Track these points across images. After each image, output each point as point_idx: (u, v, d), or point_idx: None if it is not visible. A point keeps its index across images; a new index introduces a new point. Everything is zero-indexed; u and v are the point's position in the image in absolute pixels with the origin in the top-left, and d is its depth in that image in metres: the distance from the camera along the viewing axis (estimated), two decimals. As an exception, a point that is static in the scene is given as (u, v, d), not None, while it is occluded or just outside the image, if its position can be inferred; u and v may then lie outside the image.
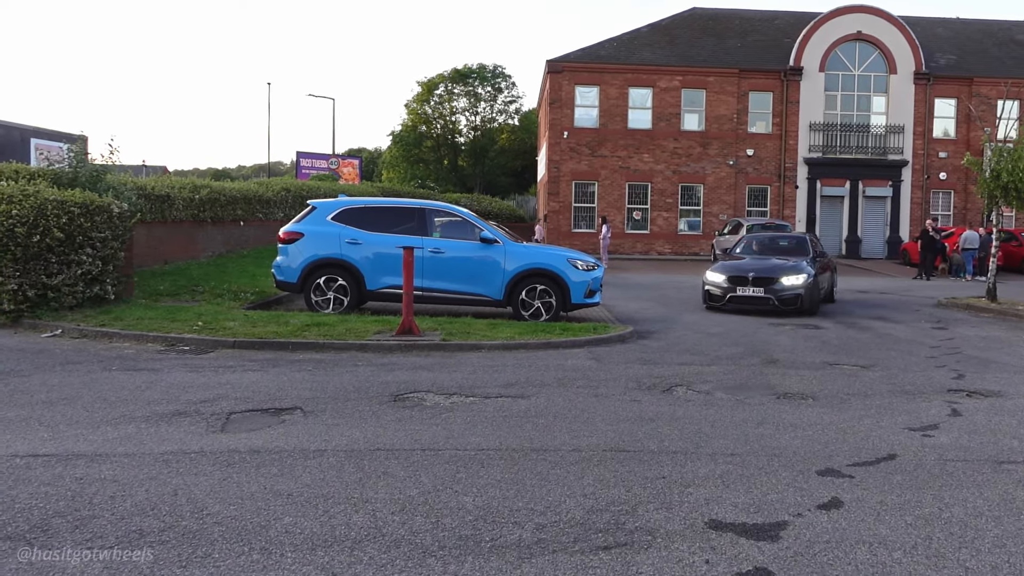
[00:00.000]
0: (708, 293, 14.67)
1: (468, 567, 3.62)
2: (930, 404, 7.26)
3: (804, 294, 13.87)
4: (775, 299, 13.86)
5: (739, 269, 14.49)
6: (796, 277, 14.07)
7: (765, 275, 14.17)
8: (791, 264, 14.55)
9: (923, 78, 34.16)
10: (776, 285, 14.03)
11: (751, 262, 14.89)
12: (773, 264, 14.65)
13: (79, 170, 13.07)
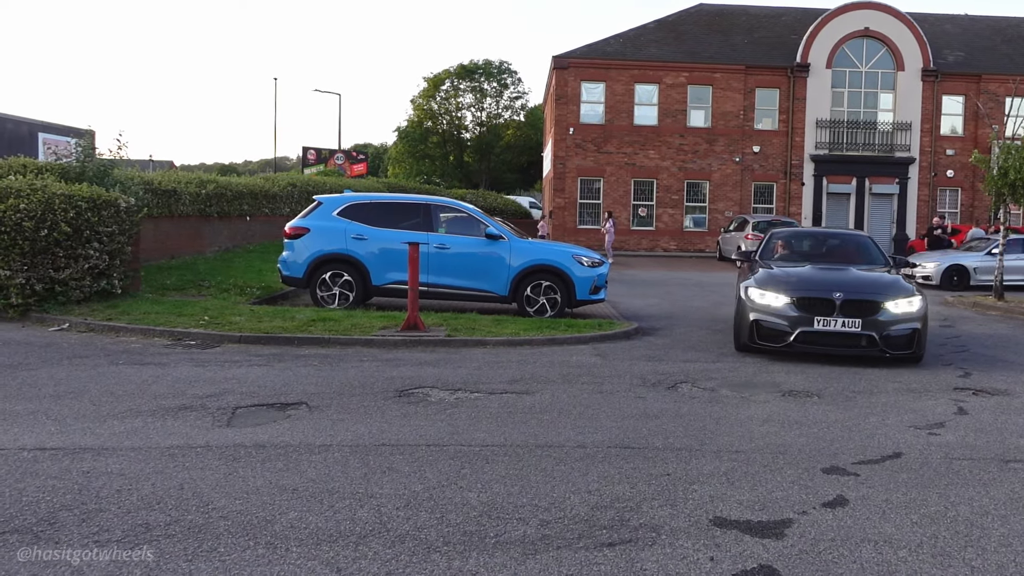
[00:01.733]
0: (759, 325, 9.30)
1: (472, 563, 3.62)
2: (936, 402, 7.25)
3: (921, 329, 9.12)
4: (879, 338, 8.90)
5: (814, 286, 9.40)
6: (908, 302, 9.16)
7: (860, 297, 9.14)
8: (888, 280, 9.68)
9: (931, 75, 34.01)
10: (880, 315, 9.01)
11: (825, 274, 9.88)
12: (864, 279, 9.71)
13: (86, 165, 13.09)
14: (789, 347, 9.10)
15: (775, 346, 9.19)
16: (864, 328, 8.88)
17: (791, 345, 9.08)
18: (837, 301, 8.98)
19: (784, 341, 9.11)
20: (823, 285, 9.31)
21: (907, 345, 8.99)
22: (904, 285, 9.49)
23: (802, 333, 9.01)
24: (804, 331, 8.99)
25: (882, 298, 9.08)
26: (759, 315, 9.28)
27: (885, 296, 9.10)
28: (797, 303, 9.13)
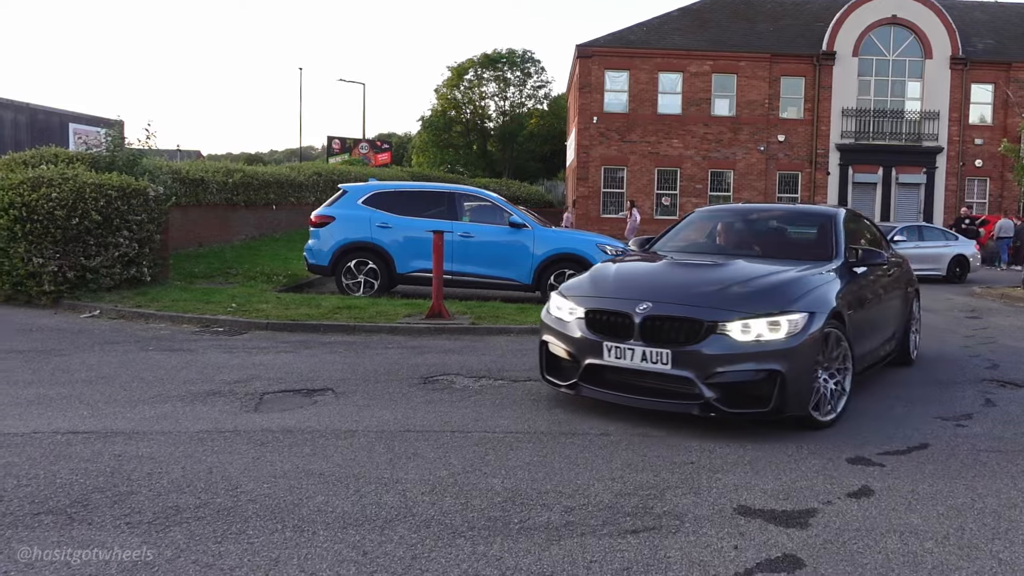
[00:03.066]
0: (548, 352, 6.21)
1: (497, 548, 3.66)
2: (963, 394, 7.19)
3: (788, 373, 5.37)
4: (702, 383, 5.37)
5: (621, 291, 5.99)
6: (771, 323, 5.48)
7: (675, 313, 5.55)
8: (773, 284, 5.96)
9: (959, 63, 33.53)
10: (707, 344, 5.41)
11: (670, 273, 6.42)
12: (724, 279, 5.99)
13: (116, 154, 13.27)
14: (574, 389, 5.89)
15: (562, 385, 6.02)
16: (677, 365, 5.34)
17: (576, 387, 5.86)
18: (637, 317, 5.50)
19: (569, 379, 5.93)
20: (634, 290, 5.85)
21: (756, 398, 5.37)
22: (792, 292, 5.72)
23: (589, 368, 5.74)
24: (591, 364, 5.71)
25: (718, 315, 5.42)
26: (549, 337, 6.14)
27: (728, 311, 5.45)
28: (588, 319, 5.80)
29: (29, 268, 10.36)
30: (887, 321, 7.47)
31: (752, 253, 7.16)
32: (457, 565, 3.47)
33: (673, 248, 7.46)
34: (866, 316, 6.70)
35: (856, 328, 6.28)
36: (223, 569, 3.38)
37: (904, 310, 8.13)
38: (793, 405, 5.47)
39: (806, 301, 5.71)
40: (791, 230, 7.71)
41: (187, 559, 3.46)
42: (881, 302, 7.25)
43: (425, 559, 3.53)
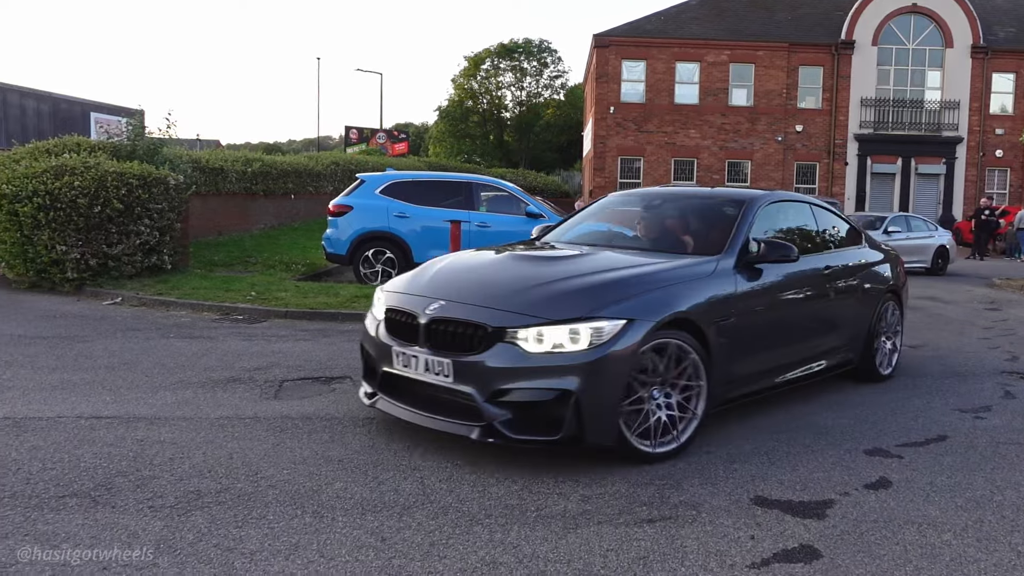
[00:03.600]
0: (364, 355, 5.42)
1: (514, 535, 3.68)
2: (982, 386, 7.15)
3: (578, 393, 4.32)
4: (484, 401, 4.41)
5: (423, 287, 5.10)
6: (572, 332, 4.42)
7: (460, 315, 4.61)
8: (606, 281, 4.87)
9: (981, 52, 33.16)
10: (491, 356, 4.43)
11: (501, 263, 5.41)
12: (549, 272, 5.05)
13: (137, 143, 13.37)
14: (371, 400, 5.14)
15: (365, 395, 5.27)
16: (459, 379, 4.49)
17: (374, 398, 5.11)
18: (423, 319, 4.70)
19: (371, 389, 5.20)
20: (441, 287, 4.99)
21: (549, 423, 4.40)
22: (608, 295, 4.65)
23: (384, 376, 5.01)
24: (386, 372, 4.98)
25: (510, 319, 4.47)
26: (364, 339, 5.39)
27: (523, 315, 4.47)
28: (386, 320, 5.09)
29: (52, 255, 10.47)
30: (822, 329, 6.29)
31: (638, 245, 6.08)
32: (475, 552, 3.50)
33: (571, 237, 6.39)
34: (769, 323, 5.56)
35: (739, 339, 5.18)
36: (244, 553, 3.42)
37: (866, 315, 6.85)
38: (595, 432, 4.42)
39: (625, 306, 4.57)
40: (694, 218, 6.26)
41: (208, 543, 3.51)
42: (808, 306, 6.08)
43: (443, 546, 3.56)
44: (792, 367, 5.98)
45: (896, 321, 7.43)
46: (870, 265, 7.11)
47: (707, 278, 5.17)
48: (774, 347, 5.71)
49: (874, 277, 7.11)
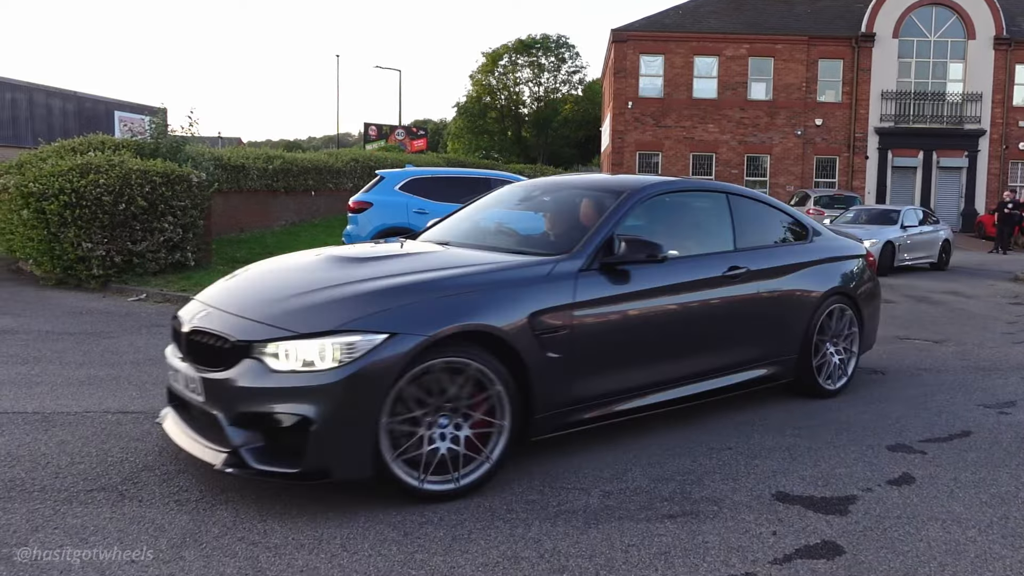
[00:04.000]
0: None
1: (535, 530, 3.70)
2: (1006, 381, 7.08)
3: (316, 419, 3.69)
4: (228, 425, 3.85)
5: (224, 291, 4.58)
6: (319, 347, 3.77)
7: (213, 328, 4.05)
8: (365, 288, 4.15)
9: (1004, 43, 32.76)
10: (237, 374, 3.84)
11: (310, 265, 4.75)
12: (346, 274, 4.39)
13: (160, 141, 13.51)
14: (160, 419, 4.61)
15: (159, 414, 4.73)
16: (209, 398, 3.95)
17: (163, 416, 4.57)
18: (186, 327, 4.24)
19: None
20: (227, 293, 4.51)
21: (290, 453, 3.79)
22: (370, 304, 3.96)
23: (169, 391, 4.56)
24: (168, 387, 4.55)
25: (260, 331, 3.91)
26: None
27: (275, 327, 3.90)
28: (172, 329, 4.61)
29: (78, 252, 10.61)
30: (724, 339, 5.46)
31: (503, 244, 5.29)
32: (496, 547, 3.52)
33: (447, 233, 5.66)
34: (635, 335, 4.85)
35: (583, 354, 4.50)
36: (268, 547, 3.46)
37: (800, 321, 5.97)
38: (345, 465, 3.81)
39: (390, 317, 3.87)
40: (566, 212, 5.50)
41: (233, 536, 3.55)
42: (701, 313, 5.28)
43: (465, 540, 3.58)
44: (678, 383, 5.16)
45: (848, 327, 6.39)
46: (809, 265, 6.14)
47: (536, 283, 4.41)
48: (644, 361, 4.93)
49: (814, 278, 6.13)
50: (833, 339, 6.31)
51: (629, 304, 4.81)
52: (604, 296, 4.68)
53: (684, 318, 5.22)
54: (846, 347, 6.44)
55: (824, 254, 6.37)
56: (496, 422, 4.13)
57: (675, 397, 5.19)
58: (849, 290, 6.43)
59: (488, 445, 4.13)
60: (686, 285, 5.20)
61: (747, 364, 5.68)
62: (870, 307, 6.76)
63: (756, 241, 5.92)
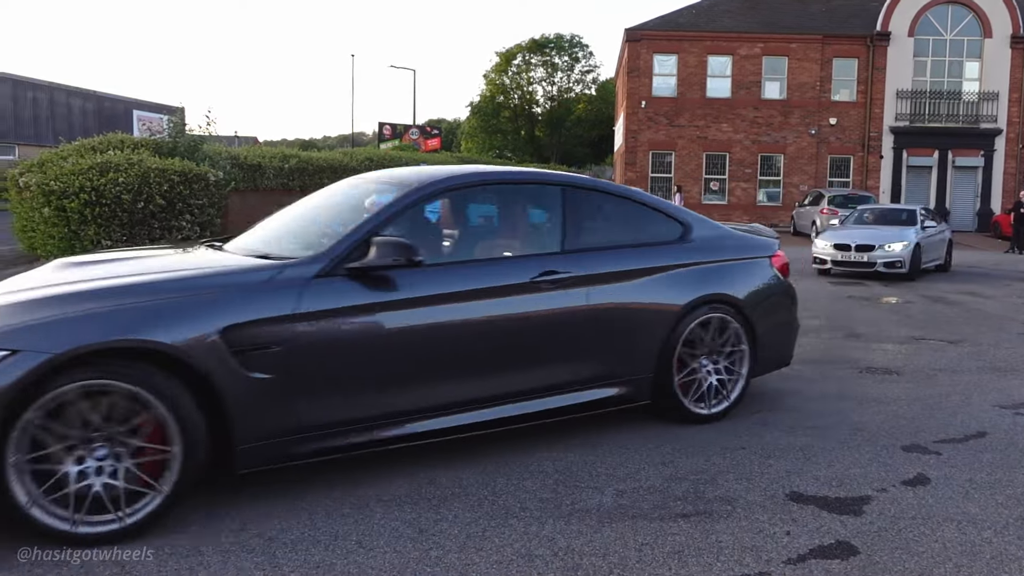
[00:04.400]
0: None
1: (549, 529, 3.72)
2: (1022, 382, 7.04)
3: None
4: None
5: None
6: None
7: None
8: None
9: (1020, 42, 32.49)
10: None
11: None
12: None
13: (178, 140, 13.63)
14: None
15: None
16: None
17: None
18: None
19: None
20: None
21: None
22: None
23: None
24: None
25: None
26: None
27: None
28: None
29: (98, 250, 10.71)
30: (532, 354, 4.71)
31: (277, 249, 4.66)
32: (510, 544, 3.54)
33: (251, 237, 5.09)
34: (394, 351, 4.22)
35: (312, 374, 3.94)
36: (285, 543, 3.49)
37: (653, 335, 5.13)
38: None
39: (17, 332, 3.39)
40: (345, 210, 5.03)
41: (251, 532, 3.59)
42: (500, 325, 4.56)
43: (479, 538, 3.60)
44: (469, 407, 4.47)
45: (732, 342, 5.47)
46: (672, 268, 5.28)
47: (244, 291, 3.86)
48: (413, 382, 4.27)
49: (679, 283, 5.26)
50: (710, 355, 5.40)
51: (386, 315, 4.14)
52: (346, 306, 4.03)
53: (472, 332, 4.45)
54: (729, 366, 5.48)
55: (701, 256, 5.46)
56: (169, 450, 3.54)
57: (466, 423, 4.44)
58: (733, 298, 5.44)
59: (162, 477, 3.54)
60: (474, 293, 4.43)
61: (577, 384, 4.88)
62: (770, 319, 5.72)
63: (599, 241, 5.16)
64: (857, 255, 15.67)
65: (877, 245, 15.60)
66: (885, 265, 15.37)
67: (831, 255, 16.03)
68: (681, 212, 5.72)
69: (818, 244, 16.69)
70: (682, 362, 5.28)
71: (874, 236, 15.95)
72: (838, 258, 15.91)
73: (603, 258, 5.05)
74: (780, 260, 6.00)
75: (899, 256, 15.36)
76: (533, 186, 5.32)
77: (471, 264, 4.67)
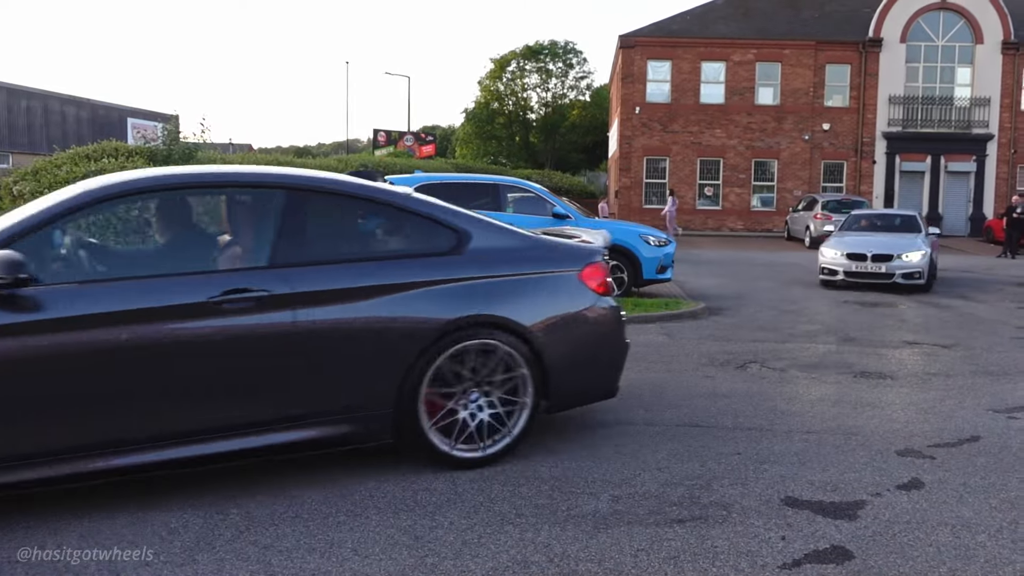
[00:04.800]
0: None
1: (545, 535, 3.72)
2: (1015, 386, 7.07)
3: None
4: None
5: None
6: None
7: None
8: None
9: (1011, 48, 32.64)
10: None
11: None
12: None
13: (172, 148, 13.61)
14: None
15: None
16: None
17: None
18: None
19: None
20: None
21: None
22: None
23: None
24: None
25: None
26: None
27: None
28: None
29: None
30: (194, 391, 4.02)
31: None
32: (506, 551, 3.54)
33: None
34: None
35: None
36: (281, 551, 3.49)
37: (382, 366, 4.36)
38: None
39: None
40: None
41: (246, 540, 3.58)
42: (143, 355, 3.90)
43: (475, 544, 3.60)
44: (107, 450, 3.84)
45: (503, 369, 4.61)
46: (419, 286, 4.48)
47: None
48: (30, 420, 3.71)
49: (428, 304, 4.46)
50: (480, 387, 4.58)
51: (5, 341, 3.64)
52: None
53: (123, 360, 3.84)
54: (507, 397, 4.64)
55: (469, 271, 4.65)
56: None
57: (98, 469, 3.81)
58: (506, 320, 4.59)
59: None
60: (126, 316, 3.86)
61: (281, 422, 4.17)
62: (571, 342, 4.85)
63: (330, 254, 4.45)
64: (874, 265, 14.11)
65: (895, 255, 14.16)
66: (904, 276, 13.96)
67: (844, 265, 14.31)
68: (460, 219, 4.85)
69: (827, 253, 14.82)
70: (442, 396, 4.48)
71: (889, 245, 14.50)
72: (852, 268, 14.24)
73: (324, 274, 4.32)
74: (594, 274, 5.03)
75: (917, 266, 14.00)
76: (238, 190, 4.59)
77: (132, 282, 3.99)
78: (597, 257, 5.12)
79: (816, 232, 24.91)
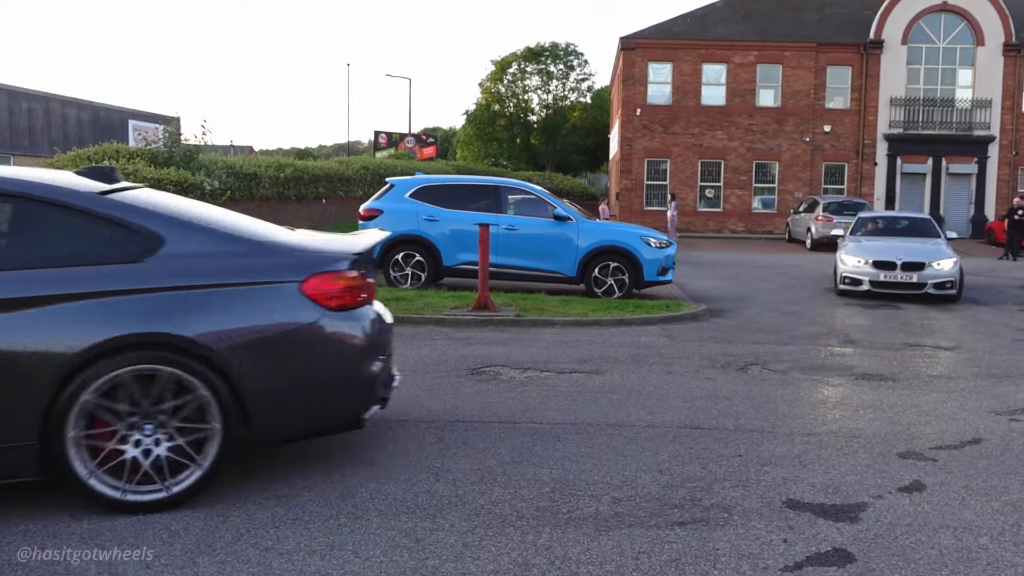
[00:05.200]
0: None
1: (546, 537, 3.71)
2: (1017, 388, 7.06)
3: None
4: None
5: None
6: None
7: None
8: None
9: (1013, 49, 32.63)
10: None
11: None
12: None
13: (174, 150, 13.65)
14: None
15: None
16: None
17: None
18: None
19: None
20: None
21: None
22: None
23: None
24: None
25: None
26: None
27: None
28: None
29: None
30: None
31: None
32: (507, 553, 3.53)
33: None
34: None
35: None
36: (281, 553, 3.48)
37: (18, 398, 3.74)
38: None
39: None
40: None
41: (247, 542, 3.57)
42: None
43: (476, 547, 3.59)
44: None
45: (171, 396, 3.89)
46: (59, 300, 3.82)
47: None
48: None
49: (74, 322, 3.81)
50: (151, 417, 3.89)
51: None
52: None
53: None
54: (186, 425, 3.92)
55: (143, 282, 3.96)
56: None
57: None
58: (169, 336, 3.88)
59: None
60: None
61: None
62: (270, 363, 4.08)
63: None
64: (904, 275, 12.87)
65: (927, 263, 12.99)
66: (936, 287, 12.78)
67: (870, 274, 13.02)
68: (152, 222, 4.12)
69: (848, 261, 13.49)
70: (100, 436, 3.82)
71: (917, 252, 13.35)
72: (880, 278, 12.94)
73: None
74: (323, 286, 4.22)
75: (950, 275, 12.87)
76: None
77: None
78: (331, 266, 4.29)
79: (818, 234, 24.89)
